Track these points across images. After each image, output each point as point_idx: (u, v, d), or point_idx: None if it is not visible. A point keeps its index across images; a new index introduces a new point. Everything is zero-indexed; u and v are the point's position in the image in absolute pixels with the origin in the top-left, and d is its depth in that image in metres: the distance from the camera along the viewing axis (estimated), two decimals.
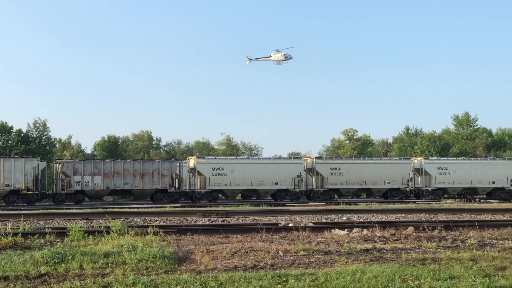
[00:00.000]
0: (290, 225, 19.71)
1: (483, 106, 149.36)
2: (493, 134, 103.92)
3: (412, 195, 55.19)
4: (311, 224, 20.12)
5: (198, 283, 10.70)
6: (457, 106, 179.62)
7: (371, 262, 12.87)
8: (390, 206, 37.21)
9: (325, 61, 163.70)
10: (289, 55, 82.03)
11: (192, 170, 51.16)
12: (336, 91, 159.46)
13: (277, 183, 51.70)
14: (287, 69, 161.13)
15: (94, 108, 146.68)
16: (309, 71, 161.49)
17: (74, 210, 31.43)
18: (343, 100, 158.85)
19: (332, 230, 17.96)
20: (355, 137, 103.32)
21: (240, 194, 54.07)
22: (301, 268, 12.18)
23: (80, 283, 10.89)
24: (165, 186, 48.60)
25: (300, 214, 26.52)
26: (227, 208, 32.62)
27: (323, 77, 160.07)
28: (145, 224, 21.39)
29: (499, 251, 14.25)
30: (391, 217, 25.23)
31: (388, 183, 54.37)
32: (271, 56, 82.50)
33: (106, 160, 51.27)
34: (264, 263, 12.67)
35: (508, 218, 23.96)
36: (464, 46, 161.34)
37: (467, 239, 16.10)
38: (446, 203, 47.86)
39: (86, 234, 16.20)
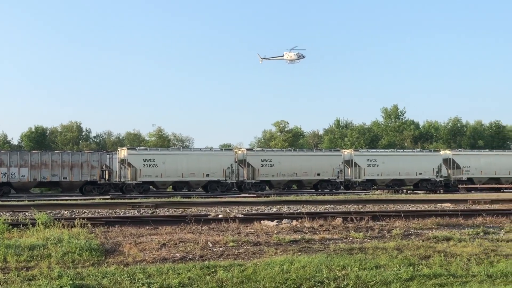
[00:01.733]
0: (220, 216, 19.69)
1: (411, 99, 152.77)
2: (420, 127, 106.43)
3: (342, 187, 56.00)
4: (241, 216, 20.15)
5: (125, 275, 10.58)
6: (386, 99, 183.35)
7: (300, 253, 12.98)
8: (320, 197, 37.63)
9: (252, 53, 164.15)
10: (302, 54, 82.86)
11: (123, 161, 50.56)
12: (267, 83, 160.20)
13: (208, 174, 51.64)
14: (221, 62, 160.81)
15: (20, 98, 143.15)
16: (241, 63, 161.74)
17: None
18: (275, 92, 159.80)
19: (262, 221, 18.03)
20: (286, 129, 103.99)
21: (171, 186, 53.77)
22: (230, 259, 12.19)
23: (3, 276, 10.63)
24: (94, 178, 47.86)
25: (231, 206, 26.54)
26: (158, 200, 32.38)
27: (254, 69, 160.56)
28: (73, 216, 21.01)
29: (423, 241, 14.59)
30: (321, 208, 25.53)
31: (319, 174, 55.00)
32: (283, 56, 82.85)
33: (33, 151, 50.09)
34: (193, 255, 12.62)
35: (433, 208, 24.57)
36: (392, 41, 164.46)
37: (393, 229, 16.42)
38: (375, 194, 48.75)
39: (10, 227, 15.79)
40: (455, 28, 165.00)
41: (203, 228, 16.79)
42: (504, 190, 55.57)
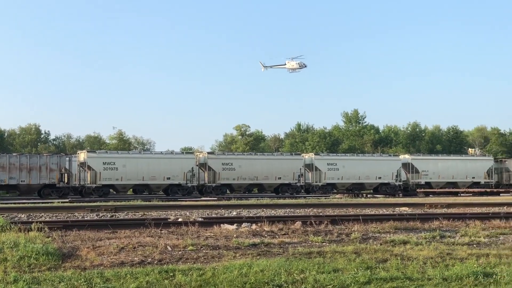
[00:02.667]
0: (180, 220, 19.63)
1: (371, 104, 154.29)
2: (380, 131, 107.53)
3: (302, 190, 56.28)
4: (200, 219, 20.14)
5: (82, 279, 10.47)
6: (347, 103, 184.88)
7: (259, 257, 13.00)
8: (281, 201, 37.75)
9: (216, 58, 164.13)
10: (304, 63, 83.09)
11: (82, 164, 50.08)
12: (228, 87, 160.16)
13: (169, 178, 51.49)
14: (182, 66, 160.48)
15: None
16: (201, 68, 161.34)
17: None
18: (236, 96, 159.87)
19: (222, 225, 18.01)
20: (247, 133, 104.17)
21: (132, 189, 53.44)
22: (189, 263, 12.15)
23: None
24: (53, 181, 47.31)
25: (191, 209, 26.50)
26: (117, 203, 32.16)
27: (216, 74, 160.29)
28: (30, 220, 20.72)
29: (380, 244, 14.73)
30: (281, 212, 25.62)
31: (280, 178, 55.19)
32: (285, 64, 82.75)
33: None
34: (152, 258, 12.56)
35: (391, 212, 24.84)
36: (352, 45, 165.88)
37: (351, 233, 16.54)
38: (335, 198, 49.08)
39: None
40: (413, 33, 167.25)
41: (162, 231, 16.71)
42: (461, 194, 56.41)
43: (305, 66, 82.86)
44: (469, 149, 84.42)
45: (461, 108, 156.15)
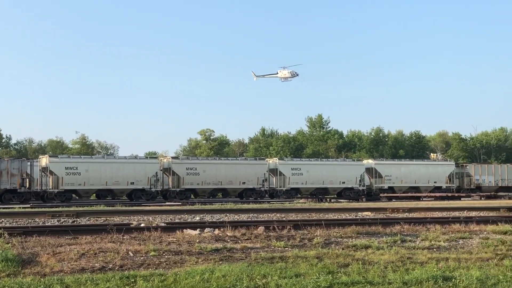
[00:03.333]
0: (142, 225, 19.52)
1: (335, 109, 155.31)
2: (344, 136, 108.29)
3: (267, 195, 56.33)
4: (163, 224, 20.04)
5: (42, 286, 10.36)
6: (311, 108, 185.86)
7: (221, 262, 12.98)
8: (245, 206, 37.77)
9: (183, 58, 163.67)
10: (295, 72, 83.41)
11: (44, 169, 49.49)
12: (192, 91, 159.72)
13: (133, 182, 51.18)
14: (146, 70, 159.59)
15: None
16: (164, 70, 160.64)
17: None
18: (200, 100, 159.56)
19: (184, 230, 17.94)
20: (212, 137, 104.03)
21: (95, 194, 52.95)
22: (150, 269, 12.09)
23: None
24: (14, 186, 46.67)
25: (154, 214, 26.36)
26: (79, 209, 31.84)
27: (181, 77, 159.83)
28: None
29: (342, 249, 14.83)
30: (244, 217, 25.63)
31: (244, 183, 55.21)
32: (277, 73, 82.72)
33: None
34: (113, 264, 12.46)
35: (353, 217, 25.03)
36: (317, 50, 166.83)
37: (314, 238, 16.61)
38: (299, 203, 49.20)
39: None
40: (375, 39, 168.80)
41: (124, 237, 16.60)
42: (423, 199, 57.06)
43: (297, 75, 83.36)
44: (431, 154, 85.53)
45: (423, 114, 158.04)
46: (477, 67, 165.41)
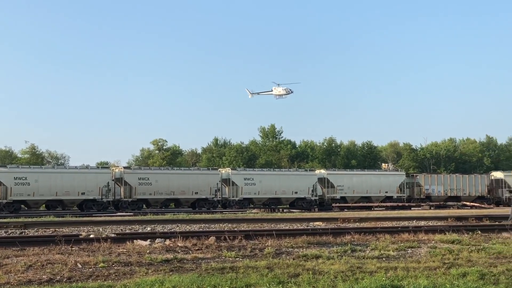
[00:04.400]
0: (92, 236, 19.26)
1: (288, 119, 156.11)
2: (296, 146, 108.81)
3: (219, 205, 56.22)
4: (113, 235, 19.83)
5: None
6: (264, 119, 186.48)
7: (171, 273, 12.90)
8: (197, 216, 37.60)
9: (135, 68, 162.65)
10: (290, 90, 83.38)
11: None
12: (145, 100, 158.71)
13: (84, 193, 50.50)
14: (106, 78, 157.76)
15: None
16: (116, 79, 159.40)
17: None
18: (153, 110, 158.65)
19: (135, 240, 17.80)
20: (164, 147, 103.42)
21: (44, 205, 52.06)
22: (99, 281, 11.93)
23: None
24: None
25: (104, 225, 26.06)
26: (28, 219, 31.26)
27: (133, 86, 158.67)
28: None
29: (293, 259, 14.88)
30: (195, 227, 25.55)
31: (196, 193, 55.03)
32: (272, 90, 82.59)
33: None
34: (61, 276, 12.26)
35: (305, 227, 25.16)
36: (272, 61, 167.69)
37: (265, 248, 16.64)
38: (252, 213, 49.28)
39: None
40: (327, 51, 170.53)
41: (73, 248, 16.37)
42: (375, 208, 57.71)
43: (292, 92, 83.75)
44: (383, 164, 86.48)
45: (375, 125, 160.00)
46: (427, 79, 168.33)
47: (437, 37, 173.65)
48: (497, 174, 68.81)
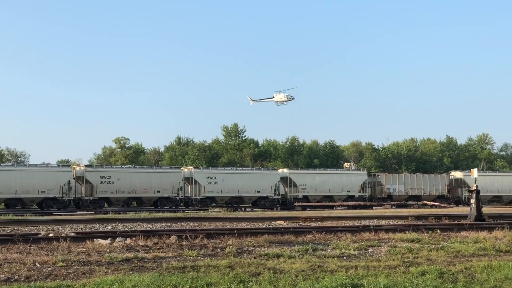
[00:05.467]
0: (51, 235, 19.00)
1: (250, 118, 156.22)
2: (259, 145, 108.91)
3: (182, 204, 56.05)
4: (73, 234, 19.60)
5: None
6: (227, 117, 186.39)
7: (132, 272, 12.79)
8: (159, 214, 37.50)
9: (97, 66, 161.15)
10: (291, 96, 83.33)
11: None
12: (107, 98, 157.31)
13: (44, 191, 49.85)
14: (67, 75, 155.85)
15: None
16: (78, 77, 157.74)
17: None
18: (116, 108, 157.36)
19: (95, 239, 17.62)
20: (127, 146, 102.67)
21: (4, 203, 51.28)
22: (58, 280, 11.77)
23: None
24: None
25: (64, 224, 25.78)
26: None
27: (95, 84, 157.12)
28: None
29: (255, 258, 14.87)
30: (157, 226, 25.41)
31: (159, 192, 54.80)
32: (273, 97, 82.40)
33: None
34: (19, 276, 12.07)
35: (267, 226, 25.19)
36: (233, 61, 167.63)
37: (226, 247, 16.60)
38: (214, 211, 49.20)
39: None
40: (288, 53, 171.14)
41: (32, 247, 16.14)
42: (337, 208, 58.04)
43: (293, 99, 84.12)
44: (345, 164, 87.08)
45: (337, 124, 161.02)
46: (389, 80, 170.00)
47: (399, 36, 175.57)
48: (457, 174, 69.81)
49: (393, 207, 59.94)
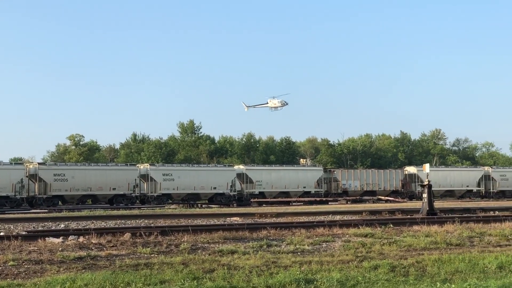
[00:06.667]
0: (1, 234, 18.73)
1: (207, 115, 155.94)
2: (215, 142, 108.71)
3: (138, 201, 55.67)
4: (24, 233, 19.33)
5: None
6: (183, 114, 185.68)
7: (84, 270, 12.68)
8: (114, 212, 37.22)
9: (51, 60, 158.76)
10: (285, 102, 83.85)
11: None
12: (61, 94, 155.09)
13: None
14: (21, 70, 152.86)
15: None
16: (32, 71, 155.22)
17: None
18: (70, 104, 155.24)
19: (47, 238, 17.40)
20: (81, 143, 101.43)
21: None
22: (8, 279, 11.62)
23: None
24: None
25: (16, 222, 25.39)
26: None
27: (48, 81, 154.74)
28: None
29: (209, 254, 14.88)
30: (111, 224, 25.22)
31: (114, 189, 54.31)
32: (267, 103, 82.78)
33: None
34: None
35: (222, 223, 25.21)
36: (185, 57, 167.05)
37: (181, 244, 16.57)
38: (170, 208, 49.02)
39: None
40: (254, 50, 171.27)
41: None
42: (293, 203, 58.34)
43: (287, 104, 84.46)
44: (301, 160, 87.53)
45: (293, 120, 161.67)
46: (344, 76, 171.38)
47: (353, 33, 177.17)
48: (411, 169, 70.80)
49: (348, 202, 60.48)
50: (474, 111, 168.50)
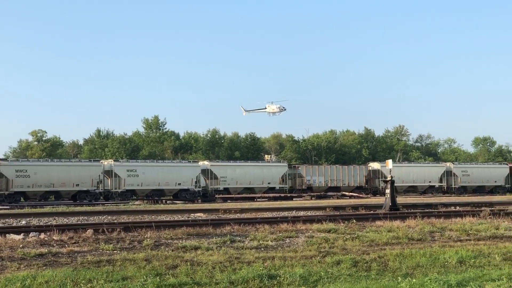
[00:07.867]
0: None
1: (171, 110, 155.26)
2: (180, 138, 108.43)
3: (101, 197, 55.30)
4: None
5: None
6: (148, 110, 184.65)
7: (45, 267, 12.54)
8: (78, 208, 36.90)
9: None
10: (283, 107, 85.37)
11: None
12: (24, 90, 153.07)
13: None
14: None
15: None
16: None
17: None
18: (33, 99, 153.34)
19: (7, 235, 17.18)
20: (44, 139, 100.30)
21: None
22: None
23: None
24: None
25: None
26: None
27: (8, 74, 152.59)
28: None
29: (172, 250, 14.82)
30: (74, 220, 24.99)
31: (78, 185, 53.90)
32: (266, 108, 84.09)
33: None
34: None
35: (185, 218, 25.13)
36: (153, 54, 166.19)
37: (144, 240, 16.45)
38: (134, 204, 48.79)
39: None
40: (199, 47, 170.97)
41: None
42: (258, 199, 58.46)
43: (285, 109, 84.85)
44: (266, 156, 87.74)
45: (258, 116, 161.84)
46: (309, 73, 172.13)
47: (322, 31, 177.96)
48: (374, 165, 71.42)
49: (313, 198, 60.85)
50: (436, 108, 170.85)
